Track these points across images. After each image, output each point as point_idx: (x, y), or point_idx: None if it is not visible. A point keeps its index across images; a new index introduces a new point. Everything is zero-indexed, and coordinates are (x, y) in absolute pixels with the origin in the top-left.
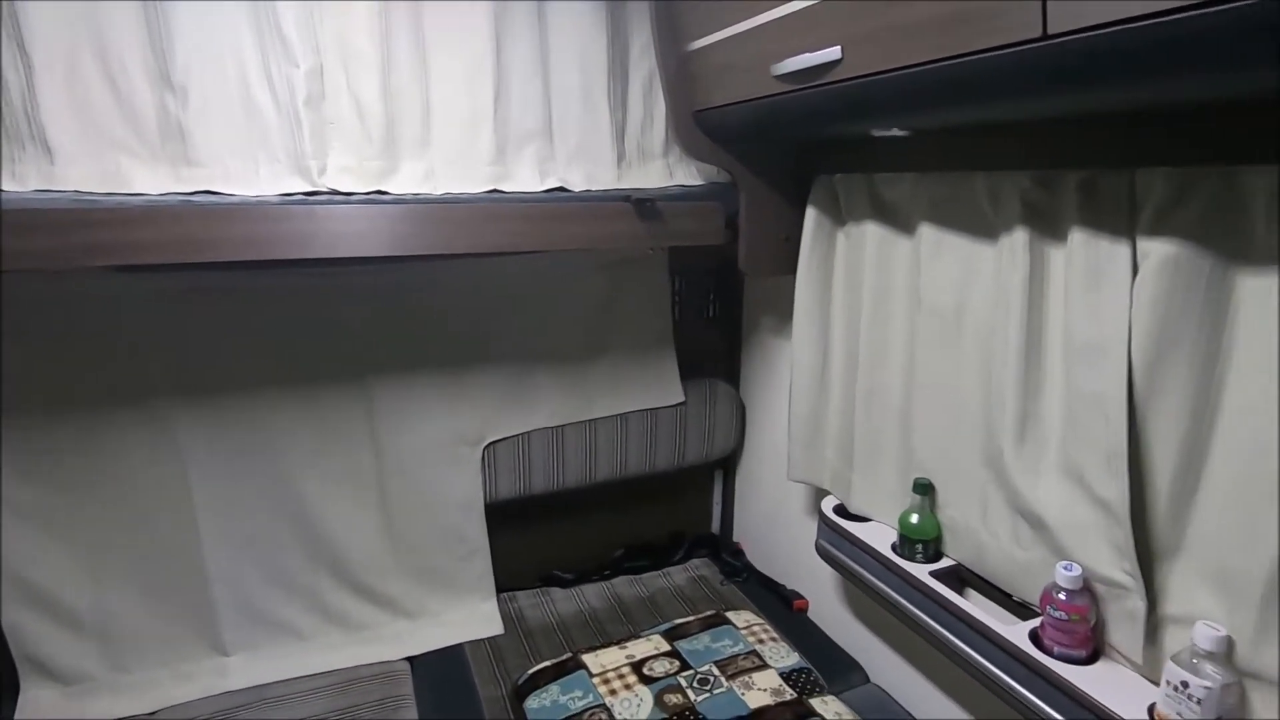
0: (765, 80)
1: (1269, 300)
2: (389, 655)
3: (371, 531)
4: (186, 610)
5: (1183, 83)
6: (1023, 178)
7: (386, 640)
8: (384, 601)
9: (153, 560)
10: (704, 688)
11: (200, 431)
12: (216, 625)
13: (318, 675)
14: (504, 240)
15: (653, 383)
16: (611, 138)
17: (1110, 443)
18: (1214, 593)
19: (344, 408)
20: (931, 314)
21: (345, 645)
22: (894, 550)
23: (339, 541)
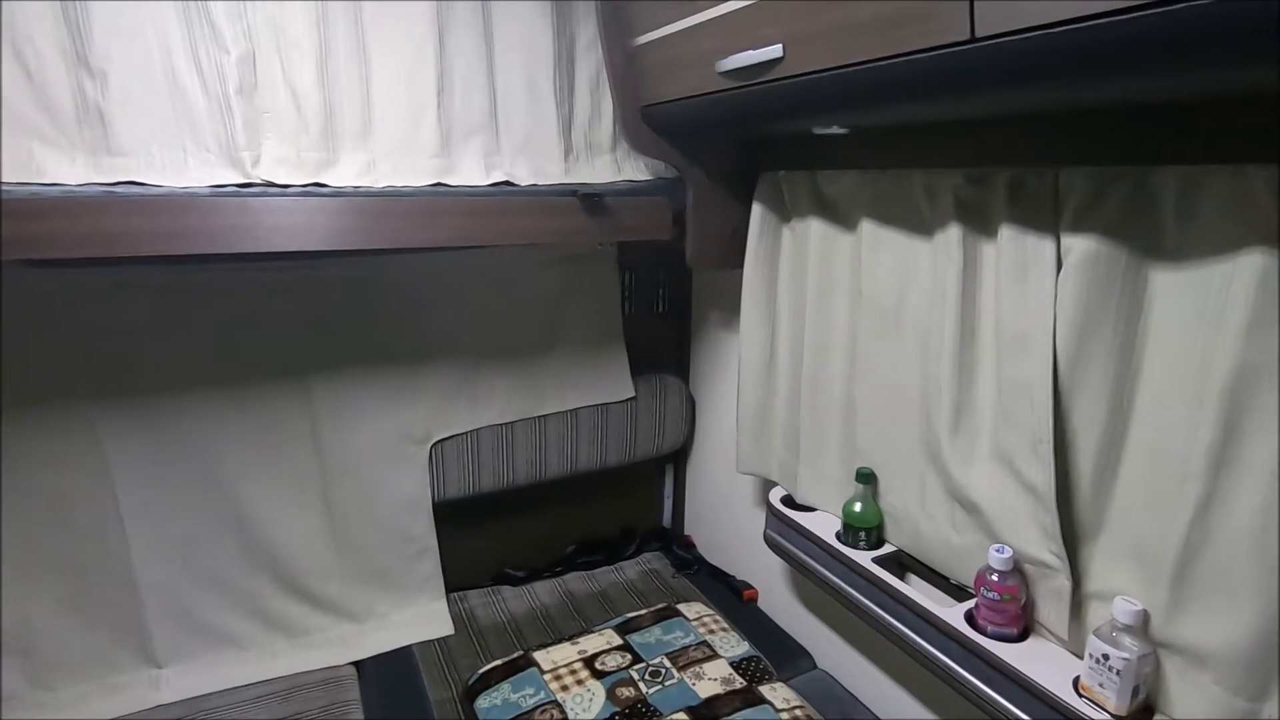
0: (710, 76)
1: (1177, 293)
2: (334, 660)
3: (314, 533)
4: (115, 622)
5: (1101, 86)
6: (956, 176)
7: (331, 645)
8: (328, 605)
9: (77, 570)
10: (656, 680)
11: (127, 434)
12: (148, 636)
13: (259, 684)
14: (448, 235)
15: (603, 378)
16: (558, 132)
17: (1037, 430)
18: (1131, 570)
19: (283, 406)
20: (872, 308)
21: (288, 652)
22: (838, 538)
23: (279, 544)
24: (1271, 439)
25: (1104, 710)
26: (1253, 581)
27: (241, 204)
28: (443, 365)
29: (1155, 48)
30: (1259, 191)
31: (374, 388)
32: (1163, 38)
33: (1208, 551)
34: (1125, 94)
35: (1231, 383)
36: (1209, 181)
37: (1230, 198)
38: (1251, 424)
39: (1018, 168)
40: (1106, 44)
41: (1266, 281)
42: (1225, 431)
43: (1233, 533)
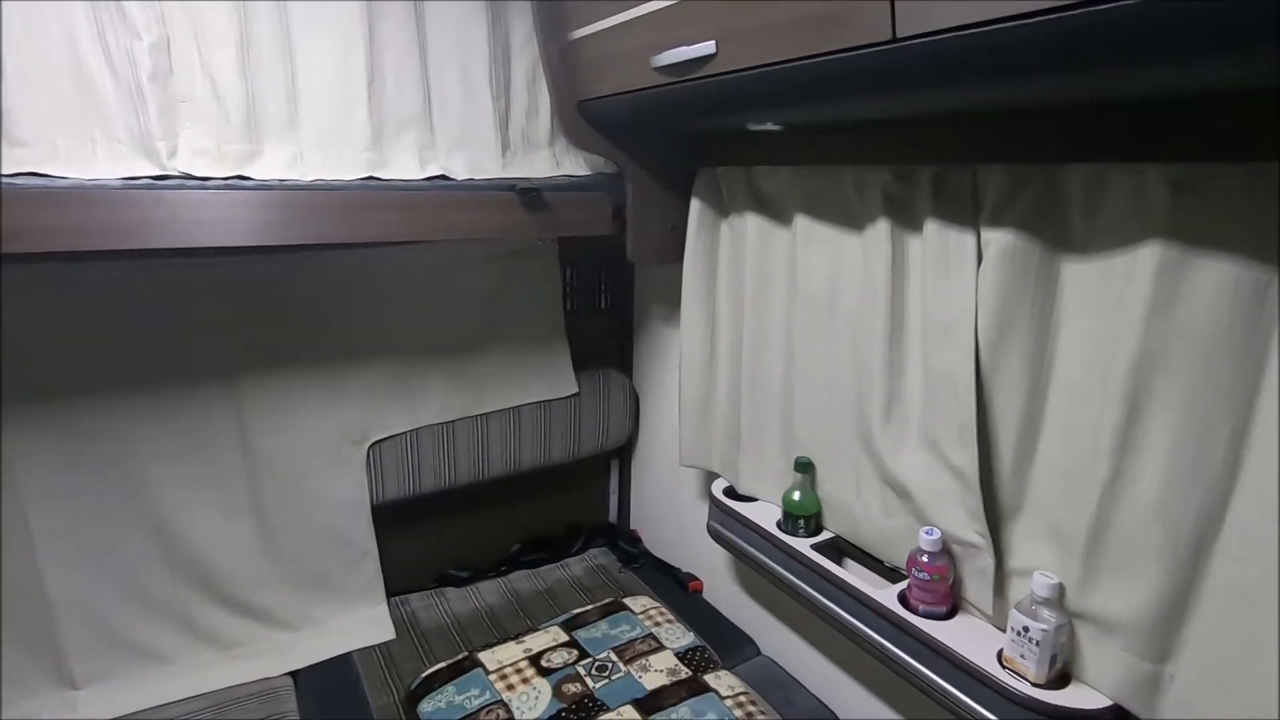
0: (645, 72)
1: (1085, 284)
2: (269, 671)
3: (244, 541)
4: (25, 641)
5: (1015, 86)
6: (884, 172)
7: (266, 655)
8: (261, 614)
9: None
10: (602, 674)
11: (33, 442)
12: (62, 656)
13: (187, 700)
14: (382, 230)
15: (546, 374)
16: (495, 126)
17: (961, 416)
18: (1048, 546)
19: (208, 409)
20: (807, 301)
21: (218, 665)
22: (779, 527)
23: (206, 553)
24: (1171, 421)
25: (1025, 680)
26: (1155, 553)
27: (156, 197)
28: (380, 364)
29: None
30: (1155, 188)
31: (307, 388)
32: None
33: (1115, 527)
34: (1038, 94)
35: (1133, 368)
36: (1111, 179)
37: (1130, 194)
38: (1152, 406)
39: (940, 165)
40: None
41: (1163, 272)
42: (1129, 414)
43: (1137, 508)
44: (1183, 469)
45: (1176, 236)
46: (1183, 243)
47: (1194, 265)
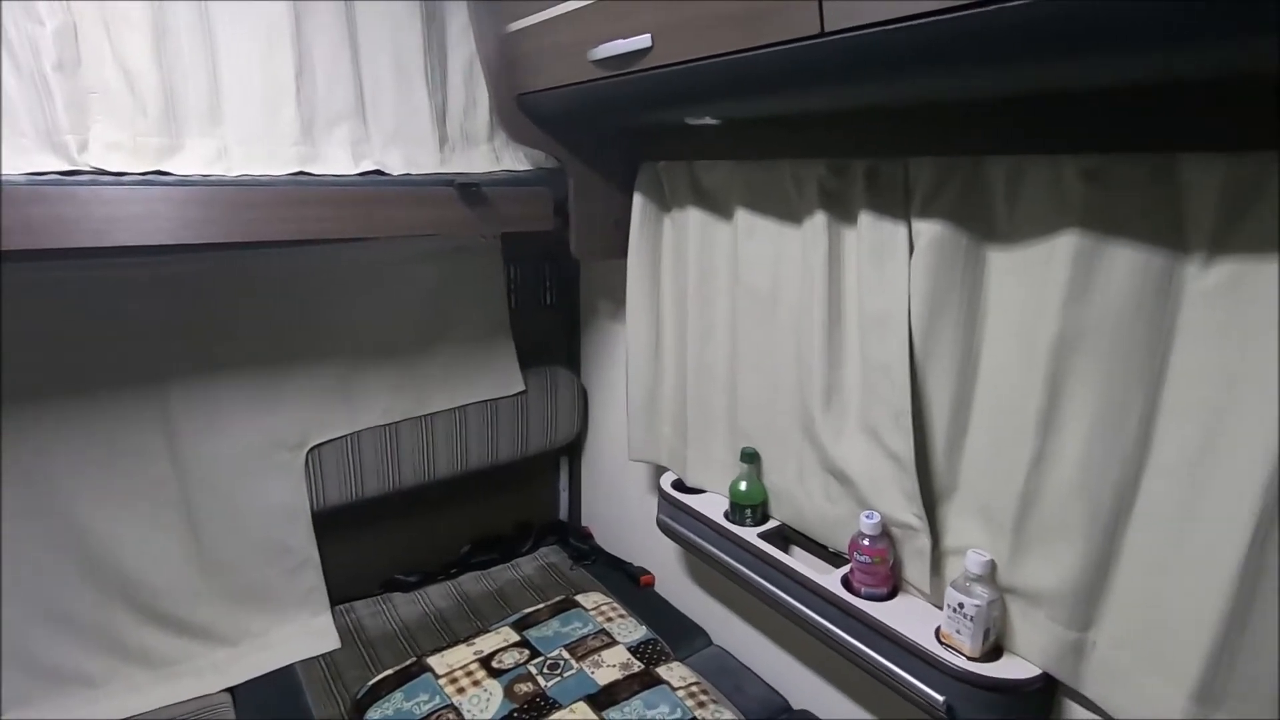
0: (582, 65)
1: (1009, 272)
2: (206, 689)
3: (176, 554)
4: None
5: (939, 79)
6: (820, 166)
7: (202, 672)
8: (196, 631)
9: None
10: (554, 672)
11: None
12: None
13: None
14: (314, 227)
15: (491, 372)
16: (432, 120)
17: (897, 403)
18: (980, 525)
19: (134, 417)
20: (749, 293)
21: (150, 685)
22: (726, 518)
23: (134, 569)
24: (1088, 400)
25: (961, 654)
26: (1076, 528)
27: (67, 193)
28: (318, 366)
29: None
30: (1070, 179)
31: (241, 392)
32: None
33: (1040, 503)
34: (961, 88)
35: (1053, 351)
36: (1030, 170)
37: (1047, 185)
38: (1071, 388)
39: (873, 158)
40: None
41: (1078, 259)
42: (1050, 396)
43: (1060, 485)
44: (1100, 446)
45: (1090, 225)
46: (1096, 231)
47: (1106, 252)
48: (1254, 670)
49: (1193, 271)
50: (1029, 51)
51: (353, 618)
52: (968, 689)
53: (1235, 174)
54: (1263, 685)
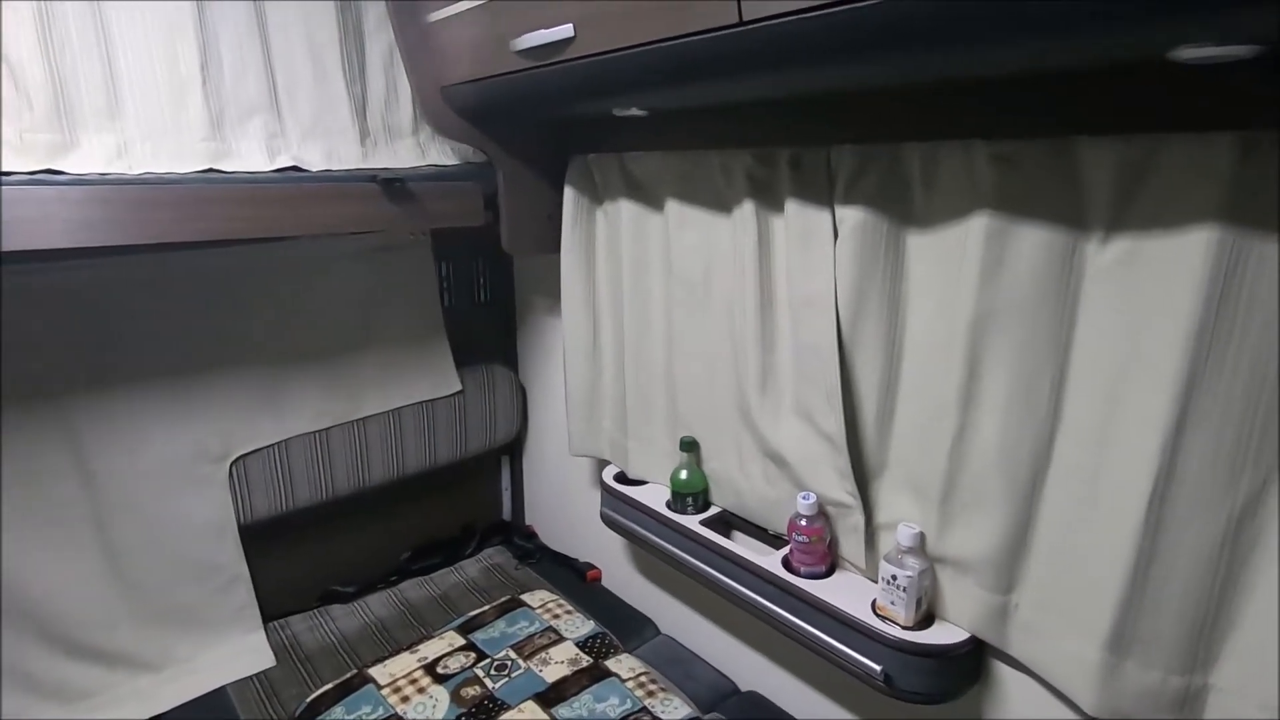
0: (506, 56)
1: (928, 254)
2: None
3: (90, 579)
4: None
5: (855, 67)
6: (746, 155)
7: (124, 701)
8: (117, 658)
9: None
10: (502, 673)
11: None
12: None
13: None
14: (227, 226)
15: (426, 373)
16: (352, 114)
17: (828, 384)
18: (910, 498)
19: (36, 435)
20: (683, 283)
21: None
22: (668, 507)
23: (43, 597)
24: (1004, 375)
25: (896, 624)
26: (997, 496)
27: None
28: (240, 372)
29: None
30: (980, 163)
31: (154, 404)
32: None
33: (963, 475)
34: (877, 76)
35: (971, 329)
36: (944, 156)
37: (960, 169)
38: (988, 363)
39: (797, 147)
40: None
41: (990, 240)
42: (969, 372)
43: (981, 457)
44: (1015, 417)
45: (1000, 207)
46: (1005, 213)
47: (1015, 233)
48: (1156, 619)
49: (1093, 248)
50: (934, 40)
51: (288, 633)
52: (903, 657)
53: (1126, 156)
54: (1165, 632)
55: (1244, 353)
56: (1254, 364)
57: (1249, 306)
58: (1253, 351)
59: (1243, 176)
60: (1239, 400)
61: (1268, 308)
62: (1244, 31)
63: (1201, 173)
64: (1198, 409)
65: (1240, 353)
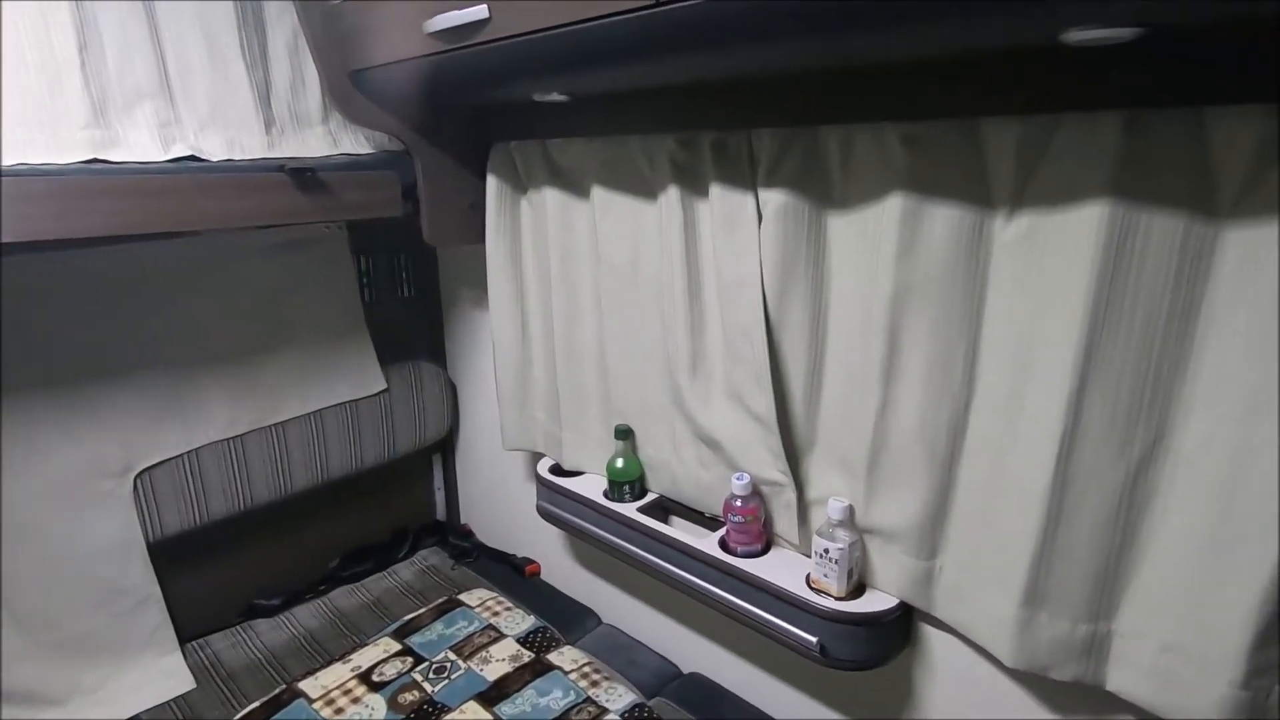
0: (419, 39)
1: (847, 234)
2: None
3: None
4: None
5: (767, 51)
6: (670, 140)
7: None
8: (13, 696)
9: None
10: (441, 676)
11: None
12: None
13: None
14: (115, 221)
15: (348, 372)
16: (254, 100)
17: (756, 365)
18: (839, 473)
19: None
20: (612, 270)
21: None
22: (605, 496)
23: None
24: (921, 350)
25: (829, 595)
26: (919, 467)
27: None
28: (141, 380)
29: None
30: (892, 145)
31: (45, 418)
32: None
33: (887, 448)
34: (792, 60)
35: (890, 307)
36: (859, 138)
37: (874, 151)
38: (906, 339)
39: (719, 131)
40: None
41: (905, 219)
42: (890, 348)
43: (902, 430)
44: (933, 391)
45: (912, 187)
46: (917, 192)
47: (926, 212)
48: (1065, 573)
49: (999, 225)
50: (836, 24)
51: (208, 653)
52: (837, 627)
53: (1025, 136)
54: (1073, 584)
55: (1135, 319)
56: (1144, 329)
57: (1138, 276)
58: (1142, 318)
59: (1129, 154)
60: (1131, 364)
61: (1154, 277)
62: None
63: (1092, 151)
64: (1095, 374)
65: (1131, 320)
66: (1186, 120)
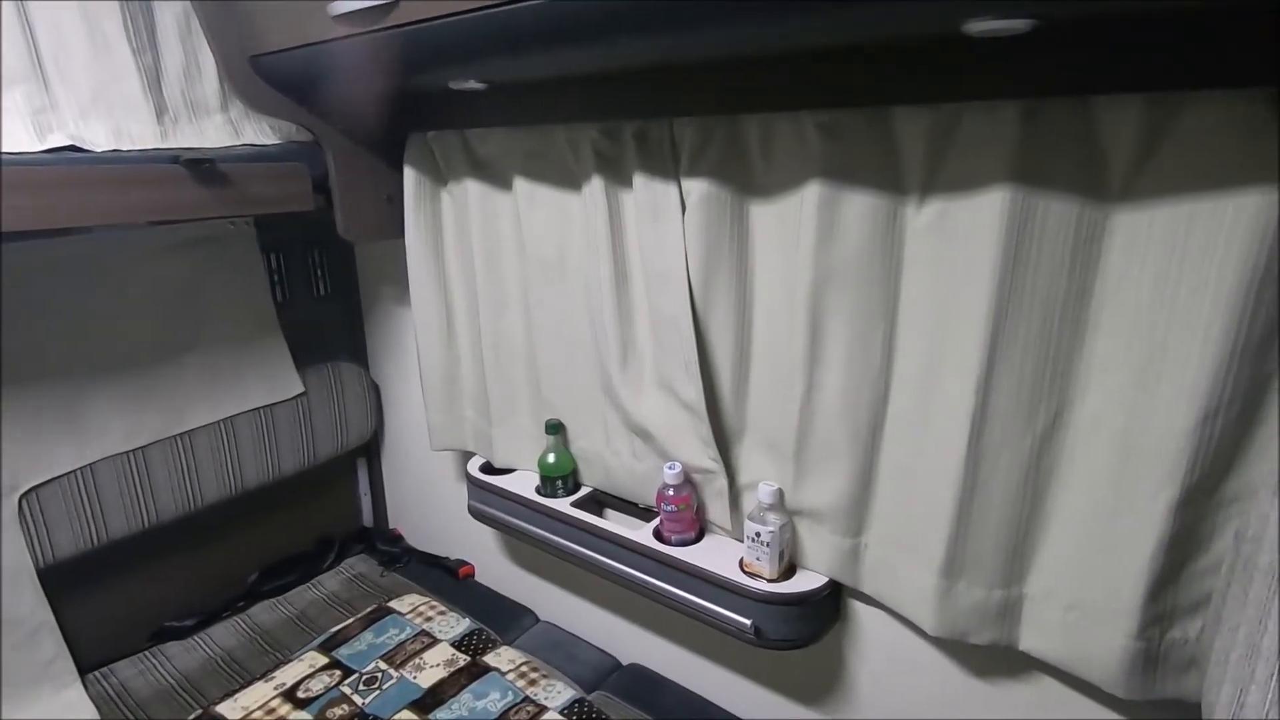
0: (323, 22)
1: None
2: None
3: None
4: None
5: (673, 38)
6: (592, 130)
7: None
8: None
9: None
10: (372, 687)
11: None
12: None
13: None
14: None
15: (261, 376)
16: (143, 86)
17: (685, 354)
18: (768, 458)
19: None
20: (538, 262)
21: None
22: (538, 492)
23: None
24: (842, 334)
25: (762, 578)
26: (843, 448)
27: None
28: (24, 392)
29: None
30: (809, 132)
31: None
32: None
33: (813, 431)
34: (701, 48)
35: (811, 294)
36: (778, 126)
37: (792, 140)
38: (828, 324)
39: (641, 120)
40: None
41: (824, 207)
42: (812, 334)
43: (827, 413)
44: (854, 373)
45: (829, 175)
46: (834, 180)
47: (843, 199)
48: (980, 542)
49: (911, 211)
50: (742, 10)
51: (113, 682)
52: (770, 608)
53: (933, 124)
54: (987, 553)
55: (1036, 300)
56: (1044, 309)
57: (1038, 259)
58: (1043, 298)
59: (1027, 142)
60: (1034, 343)
61: (1052, 260)
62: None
63: (994, 139)
64: (1002, 354)
65: (1033, 300)
66: (1077, 109)
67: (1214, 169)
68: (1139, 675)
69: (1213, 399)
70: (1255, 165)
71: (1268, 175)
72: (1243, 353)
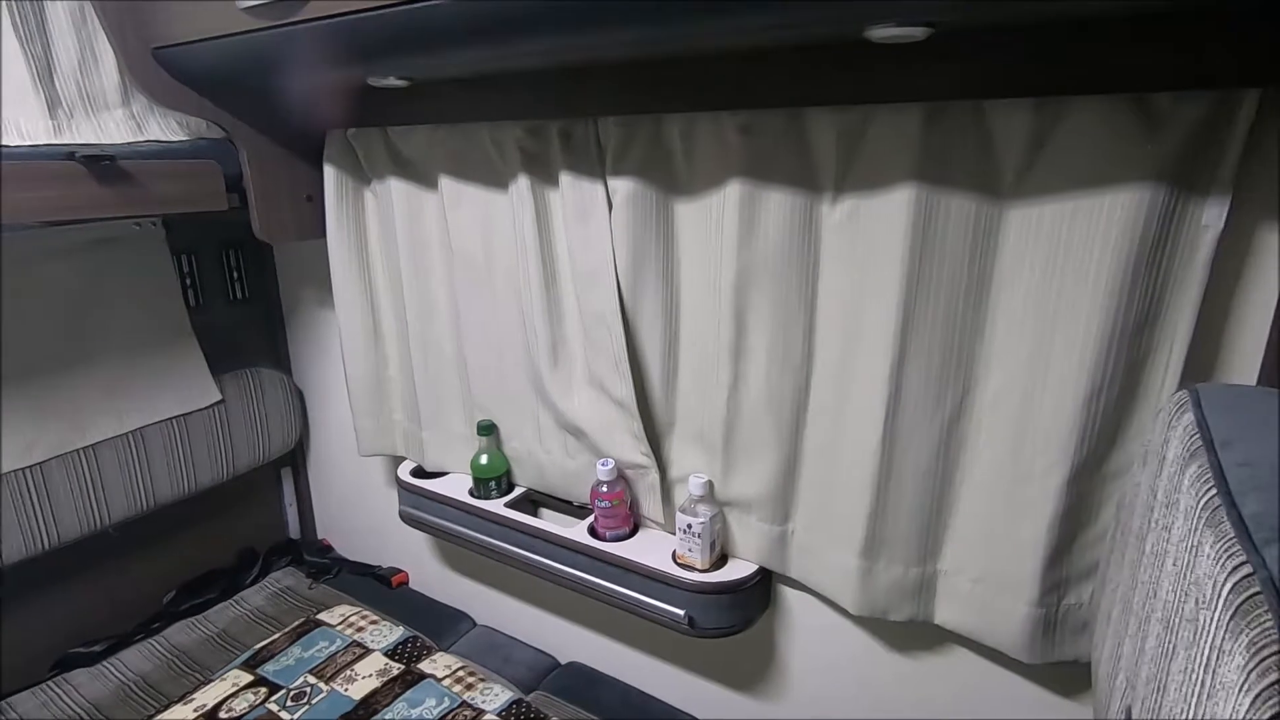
0: (231, 14)
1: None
2: None
3: None
4: None
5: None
6: (517, 128)
7: None
8: None
9: None
10: (300, 702)
11: None
12: None
13: None
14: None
15: (174, 384)
16: (32, 77)
17: (615, 352)
18: (698, 451)
19: None
20: (465, 262)
21: None
22: (471, 495)
23: None
24: (765, 328)
25: (695, 569)
26: (769, 438)
27: None
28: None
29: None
30: (729, 132)
31: None
32: None
33: (739, 423)
34: (617, 47)
35: (734, 288)
36: (700, 127)
37: (713, 139)
38: (751, 318)
39: (566, 119)
40: None
41: (744, 204)
42: (737, 327)
43: (752, 403)
44: (777, 365)
45: (748, 173)
46: (753, 178)
47: (762, 197)
48: (896, 523)
49: (826, 208)
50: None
51: (12, 717)
52: (703, 598)
53: (845, 125)
54: (903, 533)
55: (941, 290)
56: (949, 299)
57: (941, 252)
58: (947, 288)
59: (929, 142)
60: (940, 330)
61: (955, 252)
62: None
63: (900, 139)
64: (912, 341)
65: (939, 291)
66: (973, 113)
67: (1092, 169)
68: (1039, 640)
69: (1095, 380)
70: (1127, 166)
71: (1137, 174)
72: (1120, 337)
